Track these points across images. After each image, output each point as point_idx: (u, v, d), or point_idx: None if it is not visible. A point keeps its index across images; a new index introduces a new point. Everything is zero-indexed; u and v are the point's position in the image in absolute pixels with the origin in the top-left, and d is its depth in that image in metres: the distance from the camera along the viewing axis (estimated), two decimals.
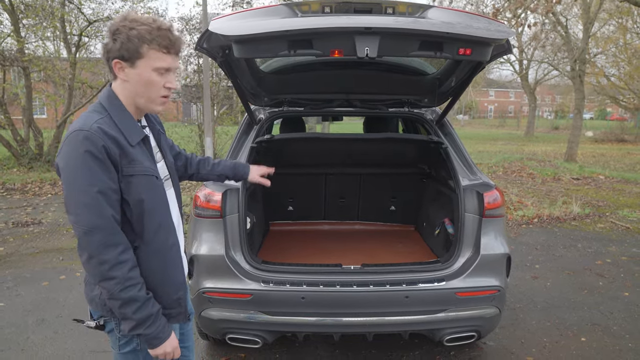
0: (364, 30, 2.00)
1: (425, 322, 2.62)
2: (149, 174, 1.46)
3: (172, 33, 1.41)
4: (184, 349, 1.83)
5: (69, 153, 1.34)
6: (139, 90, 1.43)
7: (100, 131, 1.35)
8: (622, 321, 3.66)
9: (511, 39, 2.36)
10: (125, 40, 1.36)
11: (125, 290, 1.37)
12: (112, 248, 1.35)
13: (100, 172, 1.34)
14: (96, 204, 1.33)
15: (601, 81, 23.65)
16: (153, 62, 1.39)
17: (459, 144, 3.14)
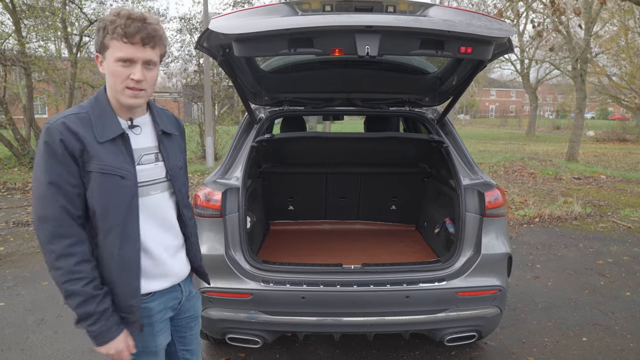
0: (365, 28, 1.99)
1: (425, 322, 2.61)
2: (111, 173, 1.41)
3: (133, 22, 1.38)
4: (186, 352, 1.79)
5: (38, 143, 1.42)
6: (109, 82, 1.45)
7: (62, 126, 1.37)
8: (624, 321, 3.65)
9: (513, 37, 2.34)
10: (99, 35, 1.41)
11: (69, 282, 1.36)
12: (60, 239, 1.35)
13: (55, 165, 1.36)
14: (47, 195, 1.36)
15: (603, 80, 23.62)
16: (115, 52, 1.39)
17: (460, 143, 3.12)
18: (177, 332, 1.75)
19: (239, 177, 2.76)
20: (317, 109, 3.40)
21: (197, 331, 1.83)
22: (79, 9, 11.67)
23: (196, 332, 1.83)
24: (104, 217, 1.42)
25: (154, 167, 1.55)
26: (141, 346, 1.55)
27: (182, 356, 1.79)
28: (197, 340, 1.83)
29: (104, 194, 1.41)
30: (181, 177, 1.67)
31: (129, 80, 1.41)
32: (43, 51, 11.29)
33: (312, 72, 3.19)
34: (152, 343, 1.58)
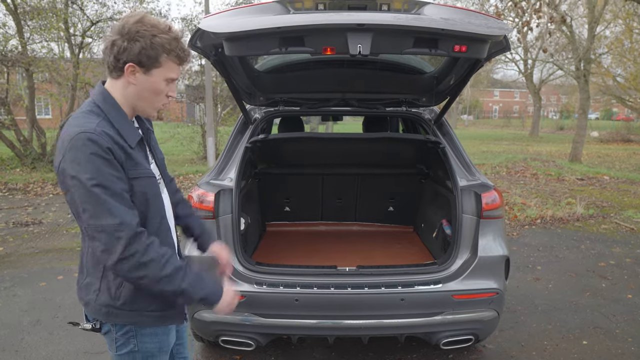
0: (356, 27, 1.96)
1: (421, 325, 2.58)
2: (150, 176, 1.45)
3: (184, 44, 1.43)
4: (179, 346, 1.82)
5: (78, 157, 1.28)
6: (144, 96, 1.42)
7: (106, 135, 1.32)
8: (625, 324, 3.60)
9: (513, 35, 2.30)
10: (147, 46, 1.34)
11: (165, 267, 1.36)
12: (139, 237, 1.33)
13: (111, 175, 1.31)
14: (116, 204, 1.31)
15: (607, 81, 23.45)
16: (167, 72, 1.40)
17: (458, 144, 3.09)
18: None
19: (232, 178, 2.73)
20: (313, 109, 3.37)
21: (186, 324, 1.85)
22: (81, 10, 11.68)
23: (185, 325, 1.84)
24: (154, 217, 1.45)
25: (153, 166, 1.57)
26: (157, 346, 1.56)
27: (177, 351, 1.81)
28: (186, 333, 1.87)
29: (151, 195, 1.44)
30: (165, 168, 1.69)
31: (165, 97, 1.45)
32: (46, 52, 11.33)
33: (307, 72, 3.16)
34: (166, 342, 1.60)
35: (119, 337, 1.51)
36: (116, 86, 1.42)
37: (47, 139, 11.70)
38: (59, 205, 7.76)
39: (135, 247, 1.31)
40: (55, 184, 9.52)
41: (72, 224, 6.56)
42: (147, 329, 1.53)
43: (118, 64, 1.37)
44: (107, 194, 1.29)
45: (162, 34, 1.35)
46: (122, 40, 1.34)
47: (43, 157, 11.43)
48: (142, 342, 1.53)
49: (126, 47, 1.33)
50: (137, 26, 1.34)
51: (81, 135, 1.29)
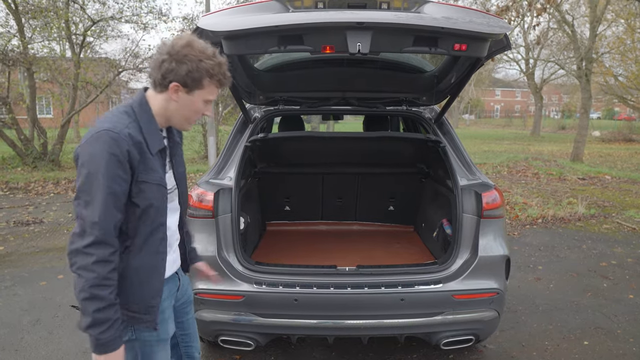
0: (356, 25, 1.95)
1: (421, 325, 2.56)
2: (160, 184, 1.52)
3: (227, 70, 1.54)
4: (185, 337, 1.90)
5: (94, 150, 1.40)
6: (183, 113, 1.54)
7: (129, 137, 1.42)
8: (626, 324, 3.58)
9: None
10: (193, 70, 1.44)
11: (99, 287, 1.38)
12: (105, 247, 1.39)
13: (117, 176, 1.40)
14: (105, 203, 1.38)
15: (609, 80, 23.37)
16: (207, 94, 1.52)
17: (458, 143, 3.07)
18: (175, 319, 1.83)
19: (232, 177, 2.72)
20: (313, 108, 3.35)
21: (192, 316, 1.94)
22: (82, 9, 11.68)
23: (192, 316, 1.93)
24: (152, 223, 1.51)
25: (170, 175, 1.66)
26: (155, 335, 1.61)
27: (181, 340, 1.90)
28: (193, 324, 1.95)
29: (157, 202, 1.51)
30: (184, 181, 1.78)
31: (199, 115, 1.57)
32: (47, 52, 11.34)
33: (307, 71, 3.15)
34: (164, 331, 1.66)
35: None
36: (157, 98, 1.53)
37: (48, 138, 11.71)
38: (59, 205, 7.76)
39: (93, 250, 1.37)
40: (56, 183, 9.54)
41: (72, 223, 6.55)
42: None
43: (164, 82, 1.48)
44: (104, 191, 1.37)
45: (208, 59, 1.46)
46: (170, 61, 1.44)
47: (44, 157, 11.44)
48: (140, 330, 1.57)
49: (174, 68, 1.44)
50: (186, 50, 1.45)
51: (106, 132, 1.40)
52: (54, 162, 11.44)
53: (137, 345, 1.59)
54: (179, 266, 1.82)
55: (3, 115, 11.80)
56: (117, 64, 12.68)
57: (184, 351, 1.95)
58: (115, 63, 12.90)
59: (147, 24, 12.33)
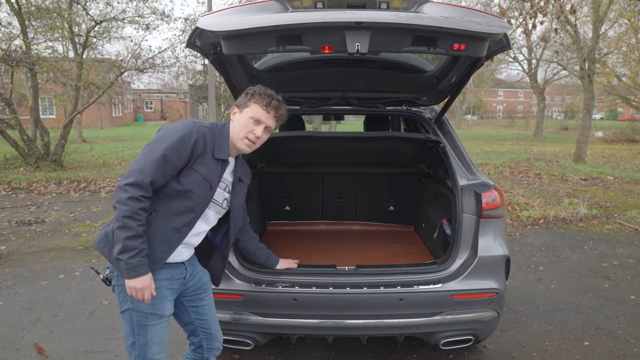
0: (355, 25, 1.95)
1: (420, 325, 2.56)
2: (207, 180, 1.86)
3: (274, 99, 1.93)
4: (203, 322, 2.13)
5: (176, 126, 1.83)
6: (236, 127, 1.92)
7: (203, 133, 1.85)
8: (627, 325, 3.57)
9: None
10: (243, 96, 1.95)
11: (129, 218, 1.69)
12: (140, 189, 1.71)
13: (177, 150, 1.77)
14: (156, 159, 1.74)
15: (612, 81, 23.28)
16: (252, 112, 1.90)
17: (458, 143, 3.07)
18: (189, 303, 2.09)
19: None
20: (313, 108, 3.35)
21: (210, 302, 2.16)
22: (85, 10, 11.71)
23: (208, 303, 2.15)
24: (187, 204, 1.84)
25: (221, 193, 1.99)
26: (151, 308, 1.85)
27: (199, 325, 2.13)
28: (211, 311, 2.16)
29: (198, 190, 1.85)
30: (240, 213, 2.20)
31: (251, 134, 1.91)
32: (50, 52, 11.36)
33: (307, 71, 3.15)
34: (159, 306, 1.88)
35: (120, 293, 1.86)
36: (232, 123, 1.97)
37: (51, 138, 11.74)
38: (61, 205, 7.79)
39: (130, 188, 1.70)
40: (58, 183, 9.57)
41: (74, 223, 6.59)
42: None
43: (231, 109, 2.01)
44: (160, 152, 1.74)
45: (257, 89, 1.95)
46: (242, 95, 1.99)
47: (46, 157, 11.48)
48: (137, 300, 1.81)
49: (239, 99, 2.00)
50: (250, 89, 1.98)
51: (192, 121, 1.87)
52: (56, 163, 11.48)
53: (134, 315, 1.85)
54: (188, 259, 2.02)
55: (6, 115, 11.84)
56: (120, 65, 12.70)
57: (203, 337, 2.15)
58: (117, 64, 12.92)
59: (149, 24, 12.34)
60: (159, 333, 1.90)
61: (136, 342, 1.87)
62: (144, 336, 1.87)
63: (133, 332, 1.87)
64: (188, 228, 1.88)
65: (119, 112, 39.62)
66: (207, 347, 2.17)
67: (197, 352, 2.19)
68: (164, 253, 1.85)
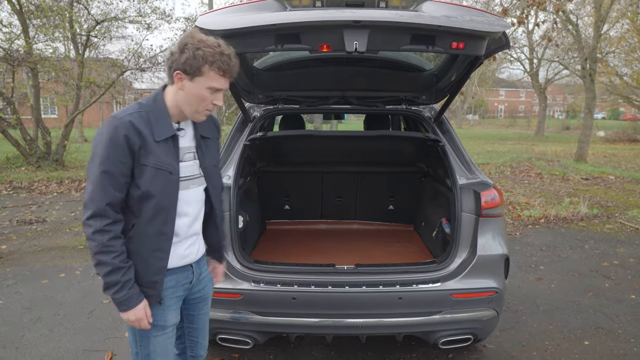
0: (353, 23, 1.95)
1: (419, 324, 2.56)
2: (162, 169, 1.62)
3: (231, 59, 1.60)
4: (192, 330, 2.00)
5: (100, 134, 1.58)
6: (190, 101, 1.63)
7: (129, 123, 1.56)
8: (628, 324, 3.56)
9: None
10: (190, 57, 1.54)
11: (101, 254, 1.56)
12: (101, 219, 1.56)
13: (114, 157, 1.55)
14: (99, 180, 1.55)
15: (614, 80, 23.22)
16: (209, 81, 1.58)
17: (457, 142, 3.06)
18: (185, 310, 1.95)
19: (230, 175, 2.73)
20: (312, 107, 3.36)
21: (206, 312, 2.02)
22: (86, 9, 11.73)
23: (204, 313, 2.01)
24: (153, 205, 1.63)
25: (192, 165, 1.76)
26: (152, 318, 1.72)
27: (187, 333, 2.01)
28: (204, 320, 2.02)
29: (156, 185, 1.62)
30: (215, 174, 1.90)
31: (211, 104, 1.65)
32: (51, 52, 11.38)
33: (306, 70, 3.15)
34: (162, 317, 1.76)
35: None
36: (170, 91, 1.66)
37: (52, 137, 11.77)
38: (62, 204, 7.80)
39: (91, 222, 1.56)
40: (59, 183, 9.59)
41: (75, 222, 6.60)
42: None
43: (170, 72, 1.61)
44: (99, 169, 1.55)
45: (206, 47, 1.55)
46: (175, 52, 1.58)
47: (48, 156, 11.49)
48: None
49: (176, 58, 1.57)
50: (187, 39, 1.57)
51: (110, 119, 1.58)
52: (58, 162, 11.50)
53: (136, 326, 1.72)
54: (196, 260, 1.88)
55: (7, 115, 11.86)
56: (121, 64, 12.72)
57: (188, 344, 2.04)
58: (118, 63, 12.94)
59: (150, 24, 12.36)
60: (162, 344, 1.79)
61: (139, 352, 1.79)
62: (147, 347, 1.78)
63: (135, 342, 1.80)
64: (170, 226, 1.69)
65: None
66: (190, 355, 2.06)
67: (181, 357, 2.08)
68: (160, 261, 1.69)
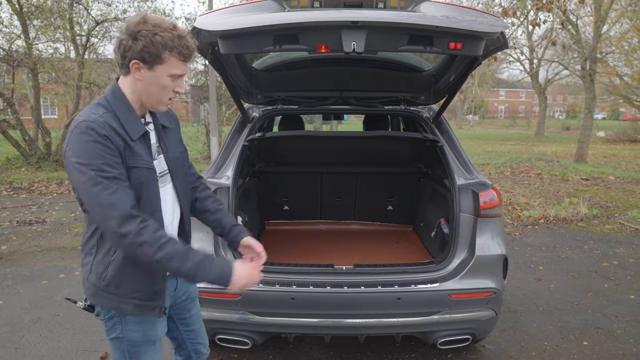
0: (351, 24, 1.95)
1: (417, 325, 2.56)
2: (147, 167, 1.49)
3: (189, 41, 1.46)
4: (190, 332, 1.88)
5: (78, 145, 1.37)
6: (151, 91, 1.48)
7: (105, 123, 1.40)
8: (627, 325, 3.56)
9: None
10: (148, 44, 1.39)
11: (159, 250, 1.39)
12: (132, 219, 1.38)
13: (108, 158, 1.38)
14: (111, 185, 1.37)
15: (614, 80, 23.21)
16: (171, 68, 1.45)
17: (456, 143, 3.07)
18: (177, 316, 1.83)
19: (229, 176, 2.73)
20: (311, 108, 3.36)
21: (197, 312, 1.90)
22: (86, 10, 11.74)
23: (196, 313, 1.89)
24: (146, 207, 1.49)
25: (161, 160, 1.62)
26: (143, 335, 1.60)
27: (187, 337, 1.88)
28: (198, 320, 1.91)
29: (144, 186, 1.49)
30: (181, 166, 1.72)
31: (172, 92, 1.51)
32: (52, 52, 11.39)
33: (305, 70, 3.16)
34: (152, 332, 1.63)
35: (107, 321, 1.58)
36: (126, 82, 1.50)
37: (52, 138, 11.78)
38: (62, 205, 7.81)
39: (127, 227, 1.37)
40: (59, 183, 9.59)
41: (74, 223, 6.60)
42: (131, 316, 1.57)
43: (124, 62, 1.44)
44: (103, 176, 1.36)
45: (164, 32, 1.40)
46: (127, 40, 1.41)
47: (48, 157, 11.51)
48: (127, 329, 1.57)
49: (130, 46, 1.40)
50: (140, 26, 1.40)
51: (83, 123, 1.38)
52: (58, 163, 11.51)
53: (125, 344, 1.59)
54: None
55: (8, 115, 11.88)
56: None
57: (191, 348, 1.92)
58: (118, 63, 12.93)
59: None
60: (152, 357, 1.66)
61: None
62: None
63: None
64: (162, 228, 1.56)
65: None
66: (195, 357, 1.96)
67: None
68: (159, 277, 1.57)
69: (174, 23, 1.45)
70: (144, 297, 1.55)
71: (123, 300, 1.53)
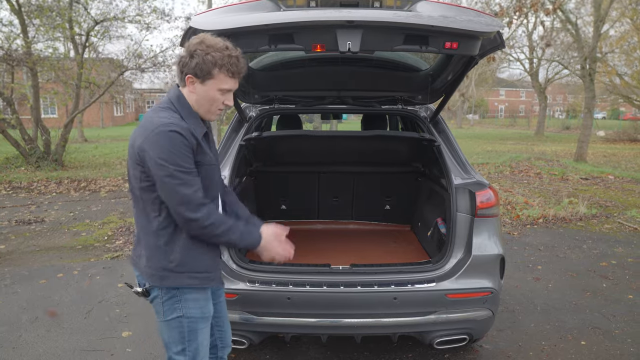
0: (346, 23, 1.95)
1: (414, 325, 2.56)
2: (214, 163, 1.79)
3: (239, 60, 1.68)
4: (218, 319, 2.05)
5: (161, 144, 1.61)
6: (202, 103, 1.72)
7: (186, 128, 1.65)
8: (625, 324, 3.56)
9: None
10: (200, 62, 1.63)
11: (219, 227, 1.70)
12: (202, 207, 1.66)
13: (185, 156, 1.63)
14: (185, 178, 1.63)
15: (614, 80, 23.18)
16: (220, 83, 1.67)
17: (453, 142, 3.06)
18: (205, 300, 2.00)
19: (226, 175, 2.73)
20: (308, 107, 3.36)
21: (224, 299, 2.12)
22: (85, 10, 11.73)
23: (223, 300, 2.11)
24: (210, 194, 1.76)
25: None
26: (200, 312, 1.82)
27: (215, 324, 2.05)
28: (224, 308, 2.12)
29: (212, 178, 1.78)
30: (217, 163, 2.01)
31: (222, 104, 1.74)
32: (52, 52, 11.38)
33: (302, 70, 3.15)
34: (207, 308, 1.86)
35: (165, 303, 1.77)
36: (185, 93, 1.74)
37: (52, 138, 11.77)
38: (61, 204, 7.81)
39: (199, 214, 1.65)
40: (58, 183, 9.59)
41: (73, 222, 6.60)
42: (191, 294, 1.79)
43: (182, 75, 1.70)
44: (180, 171, 1.62)
45: (215, 52, 1.63)
46: (185, 57, 1.67)
47: (47, 156, 11.50)
48: (187, 307, 1.78)
49: (187, 62, 1.66)
50: (197, 46, 1.65)
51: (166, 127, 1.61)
52: (57, 162, 11.51)
53: (185, 322, 1.79)
54: None
55: (7, 115, 11.87)
56: (121, 64, 12.72)
57: (218, 336, 2.10)
58: (118, 63, 12.94)
59: (150, 23, 12.35)
60: (206, 335, 1.88)
61: (187, 348, 1.82)
62: (195, 341, 1.82)
63: (183, 339, 1.81)
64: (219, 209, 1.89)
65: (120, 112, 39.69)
66: (221, 346, 2.12)
67: (212, 352, 2.11)
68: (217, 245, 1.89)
69: (227, 44, 1.67)
70: (207, 269, 1.80)
71: (191, 276, 1.76)
